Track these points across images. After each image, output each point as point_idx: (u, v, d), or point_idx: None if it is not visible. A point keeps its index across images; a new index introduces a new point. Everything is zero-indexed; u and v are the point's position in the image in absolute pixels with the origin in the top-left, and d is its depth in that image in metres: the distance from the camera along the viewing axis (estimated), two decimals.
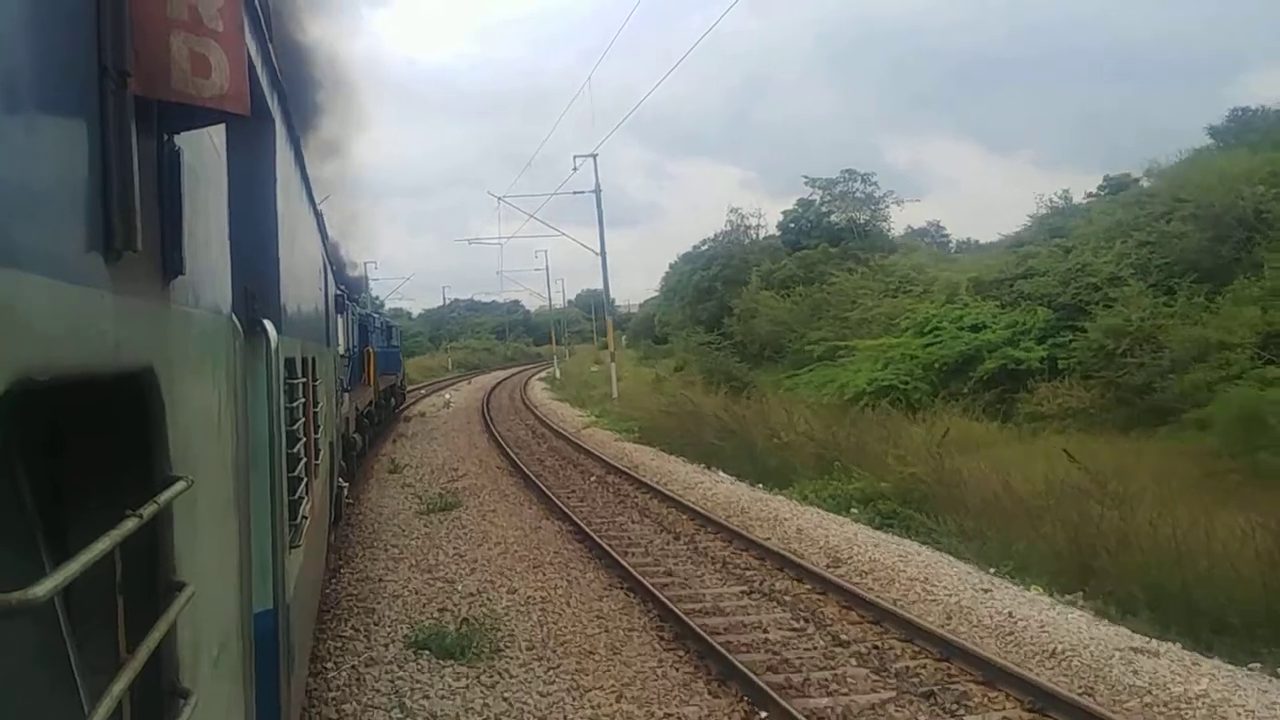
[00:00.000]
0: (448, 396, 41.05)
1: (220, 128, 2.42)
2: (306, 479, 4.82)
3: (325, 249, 9.25)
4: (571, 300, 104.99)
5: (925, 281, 31.37)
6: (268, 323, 3.38)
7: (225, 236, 2.59)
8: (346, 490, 12.14)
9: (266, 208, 3.82)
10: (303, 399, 4.86)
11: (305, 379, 5.14)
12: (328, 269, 9.16)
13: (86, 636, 1.58)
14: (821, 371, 29.26)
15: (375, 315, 27.01)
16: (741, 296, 39.70)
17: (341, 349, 13.29)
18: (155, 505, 1.50)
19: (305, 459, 4.84)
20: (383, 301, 55.12)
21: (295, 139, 5.29)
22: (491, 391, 44.99)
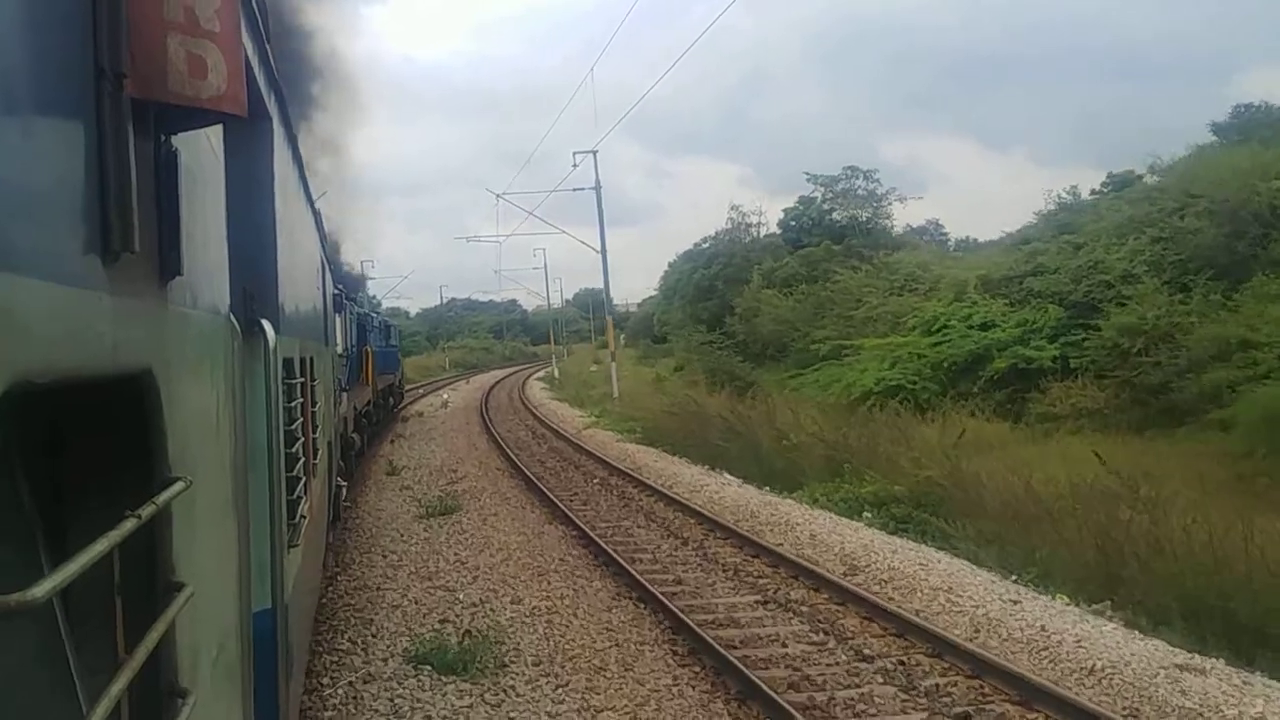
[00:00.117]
0: (445, 396, 40.63)
1: (217, 129, 2.45)
2: (305, 478, 4.82)
3: (323, 248, 9.24)
4: (569, 300, 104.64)
5: (931, 279, 30.99)
6: (266, 323, 3.38)
7: (223, 237, 2.60)
8: (345, 490, 11.88)
9: (264, 208, 3.81)
10: (301, 399, 4.86)
11: (304, 379, 5.14)
12: (326, 268, 9.09)
13: (85, 637, 1.57)
14: (827, 371, 28.86)
15: (373, 314, 26.72)
16: (743, 295, 39.32)
17: (340, 348, 13.18)
18: (154, 506, 1.51)
19: (304, 459, 4.84)
20: (380, 301, 54.68)
21: (293, 139, 5.27)
22: (490, 391, 44.62)
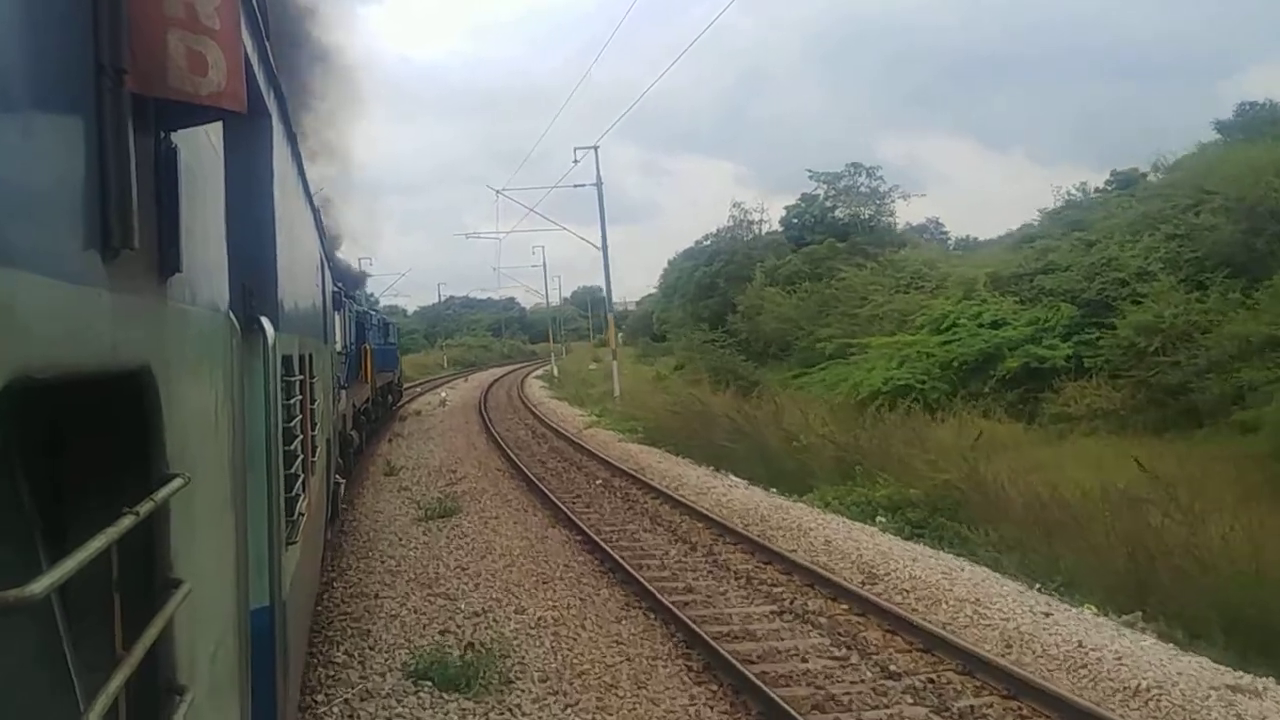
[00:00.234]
0: (444, 394, 40.09)
1: (217, 125, 2.42)
2: (303, 476, 4.80)
3: (323, 245, 9.09)
4: (567, 298, 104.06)
5: (937, 277, 30.48)
6: (265, 320, 3.37)
7: (222, 234, 2.58)
8: (343, 487, 11.54)
9: (264, 205, 3.79)
10: (300, 396, 4.82)
11: (303, 376, 5.10)
12: (325, 265, 8.92)
13: (83, 634, 1.57)
14: (833, 370, 28.35)
15: (372, 312, 26.34)
16: (746, 293, 38.77)
17: (339, 346, 12.92)
18: (152, 503, 1.50)
19: (302, 456, 4.80)
20: (378, 299, 54.24)
21: (292, 136, 5.25)
22: (489, 390, 44.12)
